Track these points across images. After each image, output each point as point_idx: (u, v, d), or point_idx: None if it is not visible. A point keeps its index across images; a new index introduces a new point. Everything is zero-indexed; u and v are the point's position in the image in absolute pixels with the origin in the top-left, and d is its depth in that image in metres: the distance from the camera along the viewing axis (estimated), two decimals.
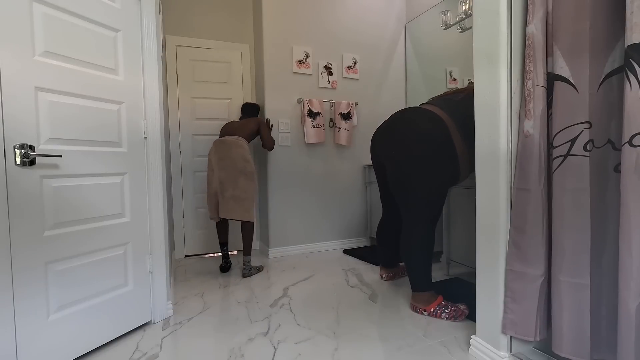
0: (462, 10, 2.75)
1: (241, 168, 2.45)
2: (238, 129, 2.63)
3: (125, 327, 1.63)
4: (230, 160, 2.45)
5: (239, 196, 2.44)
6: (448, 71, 2.97)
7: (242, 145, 2.49)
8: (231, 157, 2.45)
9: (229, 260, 2.65)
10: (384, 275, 2.35)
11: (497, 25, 1.26)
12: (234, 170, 2.44)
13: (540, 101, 1.19)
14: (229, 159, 2.45)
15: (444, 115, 1.80)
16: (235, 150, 2.46)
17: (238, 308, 1.94)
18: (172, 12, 2.94)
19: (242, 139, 2.53)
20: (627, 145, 0.98)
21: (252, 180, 2.50)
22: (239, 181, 2.44)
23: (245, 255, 2.51)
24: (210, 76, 3.10)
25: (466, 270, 2.37)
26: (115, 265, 1.58)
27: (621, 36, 1.05)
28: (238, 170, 2.44)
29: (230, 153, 2.45)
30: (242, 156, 2.46)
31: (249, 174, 2.48)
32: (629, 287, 0.98)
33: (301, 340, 1.58)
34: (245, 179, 2.46)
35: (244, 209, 2.45)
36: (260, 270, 2.59)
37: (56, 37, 1.36)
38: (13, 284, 1.22)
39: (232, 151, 2.45)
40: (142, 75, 1.70)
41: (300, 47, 3.00)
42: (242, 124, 2.66)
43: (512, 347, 1.33)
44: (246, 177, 2.46)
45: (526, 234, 1.23)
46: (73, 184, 1.41)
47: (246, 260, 2.50)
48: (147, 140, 1.72)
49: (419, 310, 1.82)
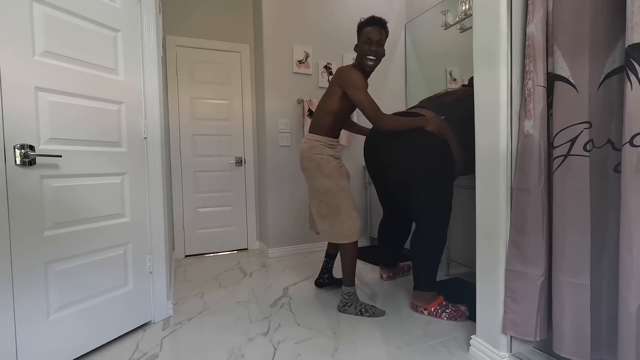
0: (462, 10, 2.75)
1: (316, 179, 1.84)
2: (318, 109, 1.92)
3: (125, 327, 1.63)
4: (306, 172, 1.90)
5: (325, 214, 1.86)
6: (448, 71, 2.97)
7: (311, 147, 1.86)
8: (305, 168, 1.90)
9: (326, 276, 2.18)
10: (384, 275, 2.35)
11: (497, 25, 1.26)
12: (309, 180, 1.91)
13: (540, 101, 1.19)
14: (305, 170, 1.91)
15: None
16: (307, 157, 1.87)
17: (238, 308, 1.94)
18: (172, 12, 2.94)
19: (313, 136, 1.88)
20: (627, 145, 0.97)
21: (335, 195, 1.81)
22: (320, 196, 1.85)
23: (343, 285, 1.89)
24: (210, 76, 3.10)
25: (466, 270, 2.37)
26: (115, 266, 1.58)
27: (621, 36, 1.05)
28: (315, 182, 1.86)
29: (305, 163, 1.89)
30: (316, 163, 1.83)
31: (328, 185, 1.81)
32: (629, 287, 0.98)
33: (301, 340, 1.58)
34: (324, 194, 1.83)
35: (338, 229, 1.83)
36: (374, 314, 1.81)
37: (56, 37, 1.36)
38: (13, 285, 1.22)
39: (305, 161, 1.88)
40: (142, 75, 1.70)
41: (300, 47, 3.00)
42: (323, 97, 1.93)
43: (512, 347, 1.33)
44: (325, 191, 1.82)
45: (526, 234, 1.23)
46: (73, 184, 1.41)
47: (344, 292, 1.87)
48: (147, 140, 1.72)
49: (419, 309, 1.82)
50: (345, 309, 1.85)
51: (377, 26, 1.82)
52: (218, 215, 3.17)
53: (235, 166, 3.20)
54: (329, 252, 2.17)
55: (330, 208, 1.83)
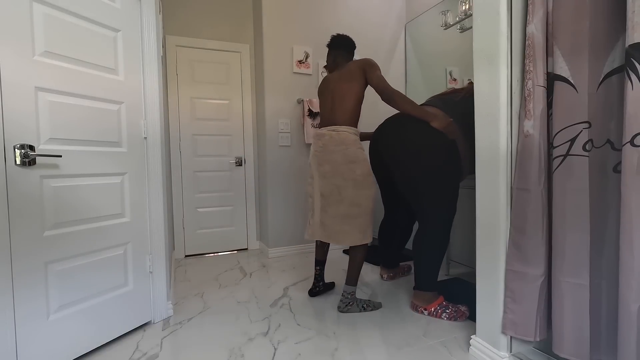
0: (462, 10, 2.75)
1: (346, 173, 1.78)
2: (335, 101, 1.86)
3: (125, 327, 1.63)
4: (331, 165, 1.81)
5: (349, 213, 1.79)
6: (448, 71, 2.97)
7: (342, 139, 1.79)
8: (332, 160, 1.80)
9: (321, 284, 2.10)
10: (384, 275, 2.35)
11: (497, 25, 1.26)
12: (337, 177, 1.80)
13: (540, 101, 1.19)
14: (328, 163, 1.81)
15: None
16: (335, 150, 1.79)
17: (238, 308, 1.94)
18: (172, 12, 2.94)
19: (340, 127, 1.81)
20: (628, 145, 0.97)
21: (366, 188, 1.79)
22: (346, 192, 1.79)
23: (346, 284, 1.87)
24: (210, 76, 3.10)
25: (466, 270, 2.37)
26: (115, 266, 1.58)
27: (620, 36, 1.05)
28: (342, 177, 1.79)
29: (330, 156, 1.80)
30: (345, 156, 1.78)
31: (360, 180, 1.78)
32: (630, 287, 0.98)
33: (301, 340, 1.58)
34: (354, 188, 1.78)
35: (358, 229, 1.80)
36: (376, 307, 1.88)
37: (56, 37, 1.36)
38: (13, 285, 1.23)
39: (332, 154, 1.80)
40: (142, 75, 1.70)
41: (300, 47, 3.00)
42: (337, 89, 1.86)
43: (512, 347, 1.33)
44: (356, 184, 1.78)
45: (526, 234, 1.23)
46: (73, 184, 1.41)
47: (346, 291, 1.86)
48: (147, 140, 1.72)
49: (419, 309, 1.82)
50: (348, 308, 1.84)
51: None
52: (218, 215, 3.17)
53: (235, 166, 3.20)
54: (319, 258, 2.09)
55: (359, 208, 1.78)
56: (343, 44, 2.03)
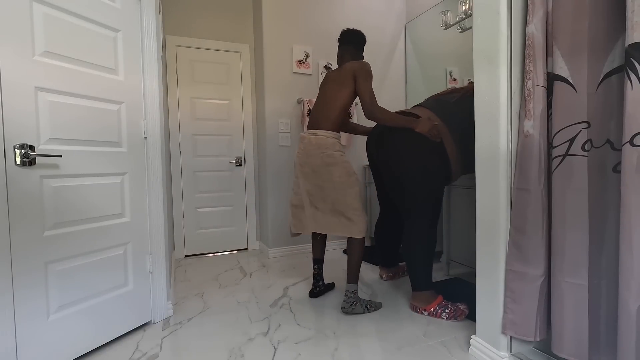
0: (462, 10, 2.74)
1: (325, 176, 1.83)
2: (323, 103, 1.92)
3: (125, 327, 1.63)
4: (311, 168, 1.86)
5: (336, 209, 1.84)
6: (448, 71, 2.97)
7: (320, 143, 1.84)
8: (311, 163, 1.86)
9: (320, 284, 2.09)
10: (383, 275, 2.35)
11: (497, 25, 1.26)
12: (318, 179, 1.86)
13: (540, 101, 1.19)
14: (308, 165, 1.88)
15: (434, 118, 1.82)
16: (314, 153, 1.84)
17: (238, 308, 1.94)
18: (172, 12, 2.94)
19: (319, 132, 1.86)
20: (628, 145, 0.97)
21: (348, 187, 1.81)
22: (328, 192, 1.84)
23: (348, 283, 1.86)
24: (210, 76, 3.10)
25: (466, 270, 2.37)
26: (115, 265, 1.58)
27: (620, 36, 1.05)
28: (322, 179, 1.84)
29: (310, 159, 1.86)
30: (322, 159, 1.82)
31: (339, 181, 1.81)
32: (629, 287, 0.98)
33: (301, 340, 1.58)
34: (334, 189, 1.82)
35: (350, 221, 1.82)
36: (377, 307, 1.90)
37: (56, 37, 1.36)
38: (13, 284, 1.22)
39: (311, 157, 1.85)
40: (142, 75, 1.70)
41: (300, 47, 3.00)
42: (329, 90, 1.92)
43: (512, 347, 1.33)
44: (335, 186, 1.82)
45: (526, 234, 1.23)
46: (73, 184, 1.41)
47: (349, 290, 1.84)
48: (147, 140, 1.72)
49: (419, 310, 1.82)
50: (353, 308, 1.82)
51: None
52: (218, 215, 3.17)
53: (235, 166, 3.20)
54: (317, 257, 2.08)
55: (350, 203, 1.82)
56: (352, 40, 2.03)
